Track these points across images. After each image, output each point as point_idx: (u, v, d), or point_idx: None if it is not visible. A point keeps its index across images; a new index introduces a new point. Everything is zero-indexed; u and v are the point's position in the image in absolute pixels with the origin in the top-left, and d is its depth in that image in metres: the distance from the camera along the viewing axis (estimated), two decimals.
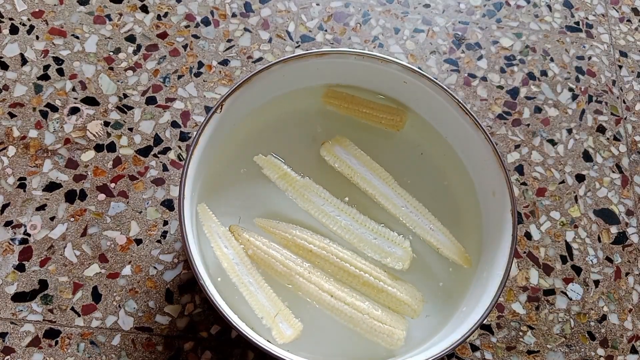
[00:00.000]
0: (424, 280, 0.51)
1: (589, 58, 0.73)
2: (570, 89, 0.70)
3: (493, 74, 0.70)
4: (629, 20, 0.76)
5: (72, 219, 0.56)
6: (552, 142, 0.67)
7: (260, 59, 0.67)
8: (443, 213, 0.53)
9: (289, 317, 0.47)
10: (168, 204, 0.58)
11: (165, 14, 0.67)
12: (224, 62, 0.66)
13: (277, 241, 0.50)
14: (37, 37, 0.64)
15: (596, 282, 0.60)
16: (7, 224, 0.56)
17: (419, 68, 0.59)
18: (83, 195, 0.58)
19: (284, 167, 0.52)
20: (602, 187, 0.65)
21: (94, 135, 0.60)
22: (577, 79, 0.71)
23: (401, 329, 0.47)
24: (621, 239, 0.63)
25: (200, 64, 0.65)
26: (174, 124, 0.62)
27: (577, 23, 0.75)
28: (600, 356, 0.57)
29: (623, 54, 0.74)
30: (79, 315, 0.53)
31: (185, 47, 0.66)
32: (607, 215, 0.64)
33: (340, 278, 0.49)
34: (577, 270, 0.61)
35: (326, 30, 0.69)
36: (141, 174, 0.59)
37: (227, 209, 0.52)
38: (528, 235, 0.61)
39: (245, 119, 0.55)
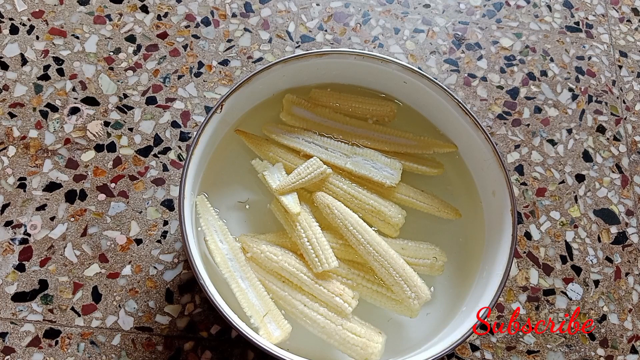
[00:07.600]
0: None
1: (589, 58, 0.73)
2: (570, 89, 0.70)
3: (493, 74, 0.70)
4: (629, 21, 0.76)
5: (72, 219, 0.56)
6: (552, 142, 0.67)
7: (260, 59, 0.67)
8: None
9: (278, 318, 0.46)
10: (168, 204, 0.58)
11: (166, 14, 0.67)
12: (224, 62, 0.66)
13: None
14: (37, 37, 0.64)
15: (596, 282, 0.60)
16: (7, 224, 0.56)
17: (419, 68, 0.59)
18: (83, 195, 0.58)
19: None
20: (602, 187, 0.65)
21: (94, 135, 0.60)
22: (577, 79, 0.71)
23: (376, 342, 0.45)
24: (621, 239, 0.63)
25: (201, 64, 0.65)
26: (174, 124, 0.62)
27: (577, 23, 0.75)
28: (600, 356, 0.57)
29: (623, 54, 0.74)
30: (79, 315, 0.53)
31: (185, 47, 0.66)
32: (607, 215, 0.64)
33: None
34: (577, 270, 0.61)
35: (326, 31, 0.69)
36: (141, 174, 0.59)
37: (227, 208, 0.52)
38: (528, 235, 0.61)
39: (245, 118, 0.55)
